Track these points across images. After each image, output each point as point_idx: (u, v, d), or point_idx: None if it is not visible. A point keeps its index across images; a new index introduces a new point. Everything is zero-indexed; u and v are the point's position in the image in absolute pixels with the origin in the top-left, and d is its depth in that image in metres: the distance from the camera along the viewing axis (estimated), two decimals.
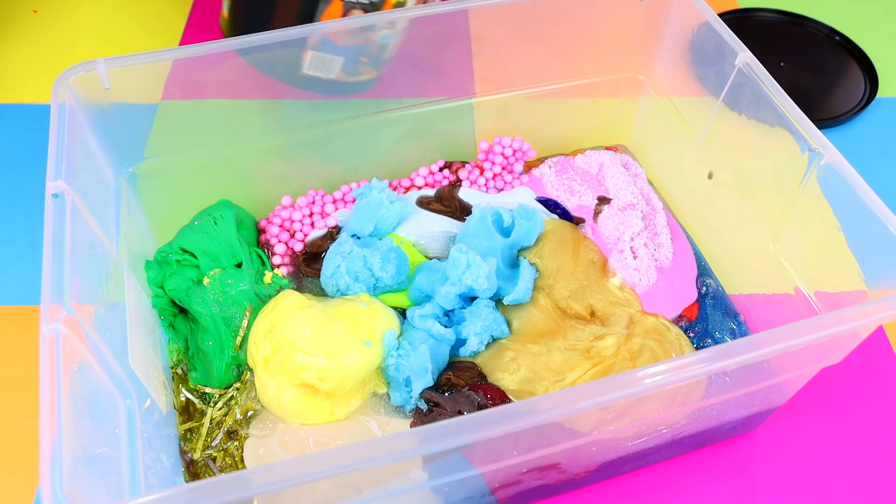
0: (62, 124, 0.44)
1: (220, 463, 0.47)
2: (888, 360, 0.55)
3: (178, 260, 0.53)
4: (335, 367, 0.45)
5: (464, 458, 0.37)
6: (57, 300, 0.37)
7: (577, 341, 0.51)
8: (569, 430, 0.39)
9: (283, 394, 0.46)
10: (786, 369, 0.43)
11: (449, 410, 0.46)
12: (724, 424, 0.48)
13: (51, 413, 0.33)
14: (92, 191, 0.45)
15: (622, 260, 0.55)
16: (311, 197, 0.59)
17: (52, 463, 0.31)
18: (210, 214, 0.54)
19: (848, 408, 0.52)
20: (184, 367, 0.52)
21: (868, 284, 0.42)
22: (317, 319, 0.46)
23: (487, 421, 0.32)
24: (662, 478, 0.49)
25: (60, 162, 0.42)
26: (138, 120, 0.51)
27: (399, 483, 0.39)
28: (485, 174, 0.61)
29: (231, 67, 0.51)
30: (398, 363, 0.47)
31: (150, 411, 0.44)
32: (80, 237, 0.41)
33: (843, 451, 0.50)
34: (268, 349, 0.46)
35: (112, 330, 0.43)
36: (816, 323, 0.36)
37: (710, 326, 0.53)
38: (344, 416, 0.47)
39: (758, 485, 0.49)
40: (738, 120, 0.52)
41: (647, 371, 0.34)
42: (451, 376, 0.49)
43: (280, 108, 0.56)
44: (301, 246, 0.57)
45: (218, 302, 0.51)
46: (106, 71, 0.47)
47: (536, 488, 0.46)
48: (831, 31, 0.79)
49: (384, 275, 0.51)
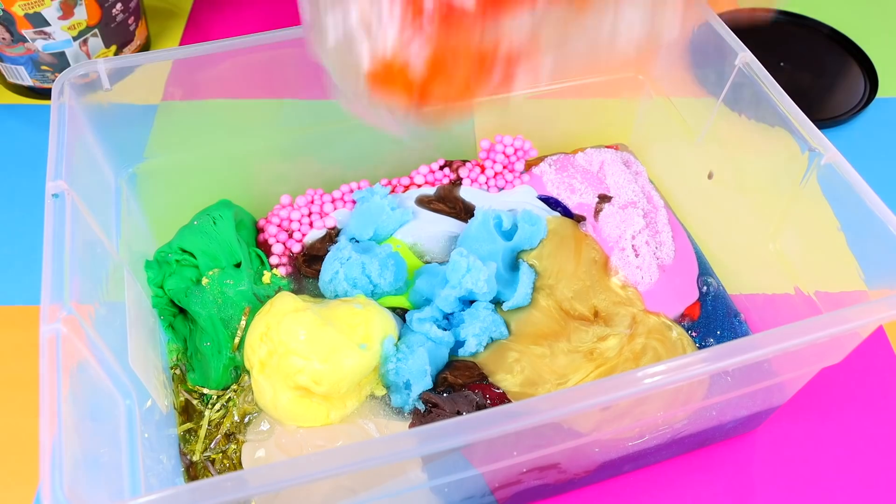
0: (62, 124, 0.44)
1: (219, 465, 0.47)
2: (888, 360, 0.55)
3: (177, 260, 0.53)
4: (331, 371, 0.45)
5: (464, 458, 0.37)
6: (57, 300, 0.37)
7: (581, 343, 0.51)
8: (568, 431, 0.39)
9: (279, 397, 0.46)
10: (786, 369, 0.43)
11: (447, 411, 0.46)
12: (724, 424, 0.48)
13: (51, 413, 0.33)
14: (92, 191, 0.45)
15: (624, 258, 0.55)
16: (309, 196, 0.59)
17: (53, 463, 0.31)
18: (209, 214, 0.55)
19: (848, 407, 0.52)
20: (183, 367, 0.52)
21: (868, 284, 0.42)
22: (312, 322, 0.46)
23: (486, 421, 0.32)
24: (662, 478, 0.49)
25: (60, 162, 0.42)
26: (138, 120, 0.51)
27: (399, 483, 0.39)
28: (486, 172, 0.61)
29: (231, 68, 0.51)
30: (398, 367, 0.47)
31: (151, 412, 0.44)
32: (80, 237, 0.41)
33: (843, 450, 0.50)
34: (264, 352, 0.46)
35: (112, 330, 0.43)
36: (817, 323, 0.36)
37: (712, 326, 0.54)
38: (340, 419, 0.47)
39: (758, 484, 0.49)
40: (738, 120, 0.52)
41: (647, 371, 0.34)
42: (448, 375, 0.49)
43: (280, 108, 0.56)
44: (299, 247, 0.57)
45: (216, 302, 0.51)
46: (106, 71, 0.47)
47: (536, 488, 0.46)
48: (831, 31, 0.79)
49: (382, 281, 0.51)
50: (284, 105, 0.56)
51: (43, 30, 0.64)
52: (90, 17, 0.66)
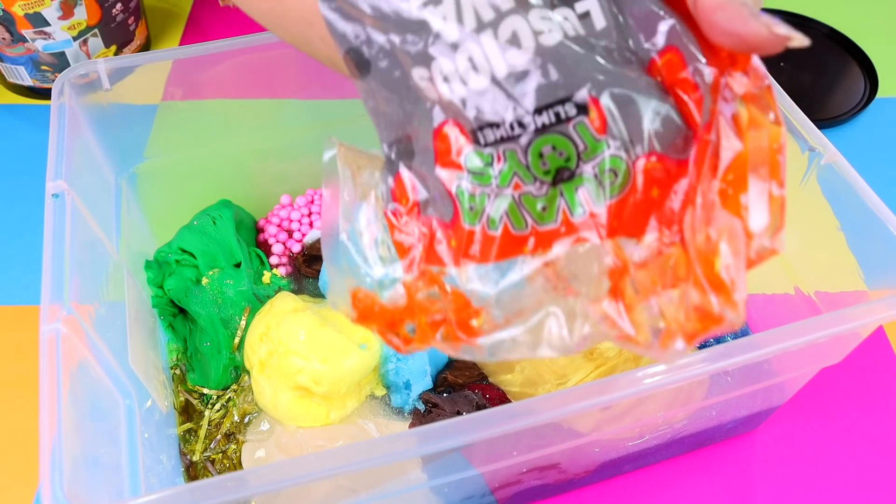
0: (62, 124, 0.44)
1: (219, 465, 0.47)
2: (888, 360, 0.55)
3: (177, 260, 0.53)
4: (330, 371, 0.45)
5: (463, 458, 0.37)
6: (57, 300, 0.37)
7: None
8: (568, 431, 0.39)
9: (279, 396, 0.46)
10: (786, 369, 0.43)
11: (447, 411, 0.46)
12: (724, 424, 0.48)
13: (51, 413, 0.33)
14: (92, 191, 0.45)
15: None
16: (309, 196, 0.59)
17: (52, 463, 0.31)
18: (209, 214, 0.55)
19: (848, 407, 0.52)
20: (182, 367, 0.52)
21: (868, 284, 0.42)
22: (312, 322, 0.46)
23: (486, 421, 0.32)
24: (663, 478, 0.49)
25: (60, 162, 0.42)
26: (138, 120, 0.51)
27: (399, 483, 0.39)
28: None
29: (231, 68, 0.51)
30: (398, 367, 0.47)
31: (151, 412, 0.44)
32: (80, 237, 0.41)
33: (842, 450, 0.50)
34: (264, 352, 0.46)
35: (112, 330, 0.43)
36: (817, 323, 0.36)
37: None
38: (340, 419, 0.47)
39: (758, 484, 0.49)
40: None
41: (647, 371, 0.34)
42: (448, 375, 0.49)
43: (280, 108, 0.56)
44: (299, 247, 0.57)
45: (216, 302, 0.51)
46: (106, 71, 0.47)
47: (536, 488, 0.46)
48: (831, 31, 0.79)
49: None
50: (284, 105, 0.56)
51: (43, 30, 0.64)
52: (90, 17, 0.66)
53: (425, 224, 0.31)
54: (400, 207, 0.32)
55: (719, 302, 0.27)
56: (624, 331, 0.29)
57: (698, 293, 0.27)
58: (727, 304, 0.26)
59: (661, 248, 0.29)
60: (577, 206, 0.29)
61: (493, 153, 0.29)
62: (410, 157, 0.31)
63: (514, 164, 0.29)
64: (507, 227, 0.29)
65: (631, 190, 0.29)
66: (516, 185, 0.29)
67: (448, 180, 0.30)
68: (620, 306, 0.29)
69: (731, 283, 0.26)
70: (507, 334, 0.30)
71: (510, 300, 0.30)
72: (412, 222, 0.31)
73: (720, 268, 0.27)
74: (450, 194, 0.30)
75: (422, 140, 0.30)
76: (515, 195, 0.29)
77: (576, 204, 0.29)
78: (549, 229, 0.29)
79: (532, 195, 0.29)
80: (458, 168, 0.29)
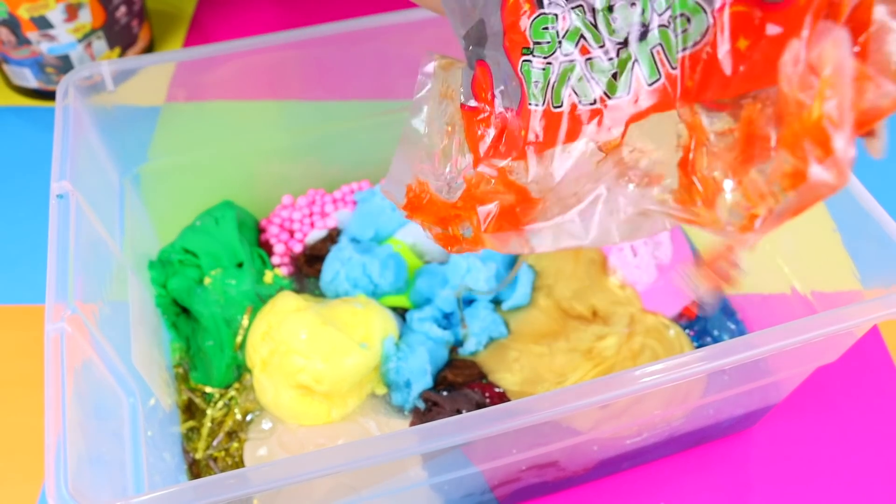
0: (67, 126, 0.44)
1: (222, 463, 0.48)
2: (882, 359, 0.55)
3: (180, 260, 0.53)
4: (332, 370, 0.45)
5: (463, 455, 0.38)
6: (61, 299, 0.37)
7: (580, 342, 0.51)
8: (567, 429, 0.40)
9: (280, 395, 0.46)
10: (782, 368, 0.43)
11: (447, 409, 0.47)
12: (721, 422, 0.48)
13: (55, 411, 0.33)
14: (96, 191, 0.46)
15: (622, 258, 0.55)
16: (311, 197, 0.59)
17: (57, 461, 0.31)
18: (212, 215, 0.55)
19: (843, 406, 0.53)
20: (185, 366, 0.52)
21: (863, 284, 0.42)
22: (313, 322, 0.46)
23: (486, 420, 0.33)
24: (660, 475, 0.49)
25: (65, 163, 0.42)
26: (142, 122, 0.52)
27: (399, 481, 0.39)
28: None
29: (233, 69, 0.51)
30: (398, 366, 0.48)
31: (154, 410, 0.44)
32: (85, 237, 0.41)
33: (838, 448, 0.51)
34: (266, 351, 0.47)
35: (116, 329, 0.43)
36: (812, 322, 0.36)
37: (709, 325, 0.54)
38: (341, 417, 0.47)
39: (754, 481, 0.49)
40: None
41: (645, 370, 0.34)
42: (448, 374, 0.49)
43: (282, 110, 0.56)
44: (301, 247, 0.57)
45: (219, 302, 0.51)
46: (110, 73, 0.48)
47: (535, 485, 0.46)
48: None
49: (383, 281, 0.52)
50: (286, 106, 0.56)
51: (48, 32, 0.65)
52: (94, 20, 0.67)
53: (499, 117, 0.30)
54: (479, 104, 0.31)
55: (818, 158, 0.22)
56: (694, 211, 0.26)
57: (791, 157, 0.23)
58: (828, 164, 0.22)
59: (751, 114, 0.25)
60: (653, 70, 0.26)
61: (559, 14, 0.27)
62: (483, 42, 0.30)
63: (582, 23, 0.27)
64: (573, 105, 0.28)
65: (712, 42, 0.25)
66: (583, 48, 0.27)
67: (515, 57, 0.28)
68: (695, 181, 0.26)
69: (837, 127, 0.22)
70: (557, 221, 0.28)
71: (567, 185, 0.28)
72: (487, 118, 0.31)
73: (825, 116, 0.22)
74: (517, 74, 0.28)
75: (492, 21, 0.29)
76: (582, 60, 0.27)
77: (652, 67, 0.26)
78: (620, 102, 0.27)
79: (601, 60, 0.27)
80: (525, 42, 0.28)
